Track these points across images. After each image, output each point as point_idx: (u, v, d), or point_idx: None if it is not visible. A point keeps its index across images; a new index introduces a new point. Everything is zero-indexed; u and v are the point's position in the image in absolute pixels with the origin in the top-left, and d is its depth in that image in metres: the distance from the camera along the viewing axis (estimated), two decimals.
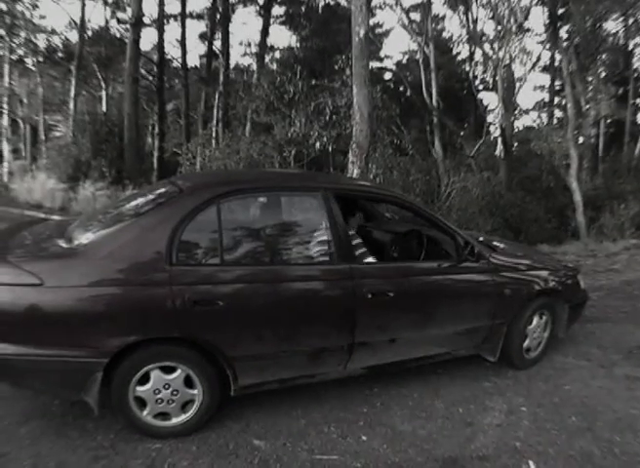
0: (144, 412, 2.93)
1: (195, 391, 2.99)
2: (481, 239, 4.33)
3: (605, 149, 20.37)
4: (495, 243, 4.46)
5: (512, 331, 3.93)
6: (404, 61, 28.47)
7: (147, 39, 34.86)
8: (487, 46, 15.28)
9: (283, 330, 3.15)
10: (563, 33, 14.25)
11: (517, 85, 14.85)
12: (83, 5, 19.04)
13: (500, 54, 13.54)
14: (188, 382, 2.97)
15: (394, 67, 28.60)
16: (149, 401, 2.91)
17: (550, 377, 3.99)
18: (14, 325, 2.72)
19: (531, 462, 2.87)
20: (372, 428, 3.15)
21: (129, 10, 17.66)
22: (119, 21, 21.29)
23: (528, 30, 14.64)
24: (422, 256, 3.79)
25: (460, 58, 27.28)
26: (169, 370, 2.92)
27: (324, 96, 11.52)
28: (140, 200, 3.50)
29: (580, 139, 13.20)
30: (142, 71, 25.75)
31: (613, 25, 15.27)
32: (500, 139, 14.92)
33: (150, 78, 23.27)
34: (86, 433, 2.98)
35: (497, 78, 13.92)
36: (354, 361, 3.38)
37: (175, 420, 3.00)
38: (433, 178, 12.71)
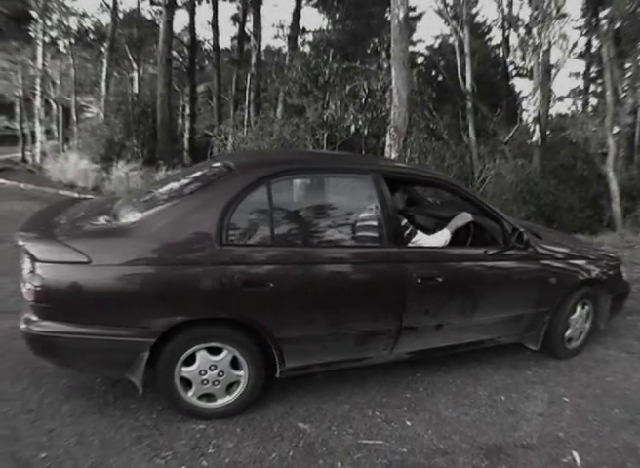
0: (190, 393, 2.96)
1: (241, 373, 3.01)
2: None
3: None
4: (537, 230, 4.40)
5: (555, 320, 3.92)
6: (436, 46, 28.07)
7: (179, 21, 34.92)
8: (522, 30, 14.98)
9: (332, 312, 3.14)
10: (601, 17, 13.92)
11: (553, 71, 14.53)
12: None
13: (538, 39, 13.24)
14: (234, 364, 2.98)
15: (426, 51, 28.24)
16: (195, 381, 2.94)
17: (592, 369, 3.97)
18: (60, 303, 2.73)
19: (575, 453, 2.87)
20: (416, 413, 3.19)
21: None
22: (152, 3, 21.26)
23: (564, 15, 14.20)
24: (469, 242, 3.79)
25: (493, 42, 26.85)
26: (215, 352, 2.93)
27: (359, 79, 11.40)
28: (187, 179, 3.52)
29: (616, 128, 12.87)
30: (174, 53, 25.92)
31: None
32: (533, 127, 14.67)
33: (181, 60, 23.50)
34: (128, 412, 3.03)
35: (533, 64, 13.65)
36: (400, 345, 3.38)
37: (219, 401, 3.03)
38: (467, 164, 12.58)
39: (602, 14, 13.85)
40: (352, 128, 11.25)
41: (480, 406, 3.33)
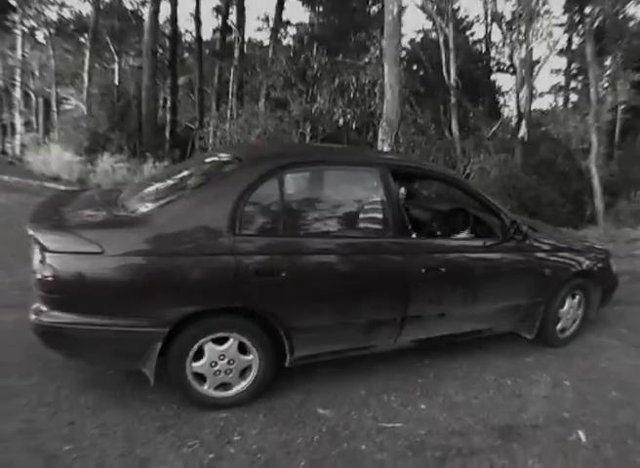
0: (205, 387, 3.00)
1: (251, 357, 3.05)
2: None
3: (620, 135, 20.39)
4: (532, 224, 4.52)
5: (549, 310, 4.06)
6: (418, 40, 28.22)
7: (160, 13, 34.36)
8: (506, 27, 15.23)
9: (341, 302, 3.22)
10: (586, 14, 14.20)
11: (536, 67, 14.79)
12: None
13: (522, 35, 13.48)
14: (242, 349, 3.03)
15: (409, 46, 28.37)
16: (208, 374, 2.98)
17: (587, 355, 4.17)
18: (72, 293, 2.72)
19: (580, 432, 3.04)
20: (429, 397, 3.33)
21: None
22: None
23: (546, 12, 14.48)
24: (469, 234, 3.90)
25: (474, 38, 27.11)
26: (221, 342, 2.97)
27: (348, 73, 11.50)
28: (195, 170, 3.56)
29: (596, 125, 13.17)
30: None
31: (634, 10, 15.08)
32: (518, 122, 14.93)
33: (162, 52, 23.27)
34: (148, 403, 3.04)
35: (516, 60, 13.91)
36: (405, 334, 3.48)
37: (235, 389, 3.08)
38: (452, 159, 12.77)
39: (587, 10, 14.14)
40: (340, 121, 11.31)
41: (488, 389, 3.49)
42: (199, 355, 2.95)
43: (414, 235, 3.55)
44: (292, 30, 24.35)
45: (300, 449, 2.73)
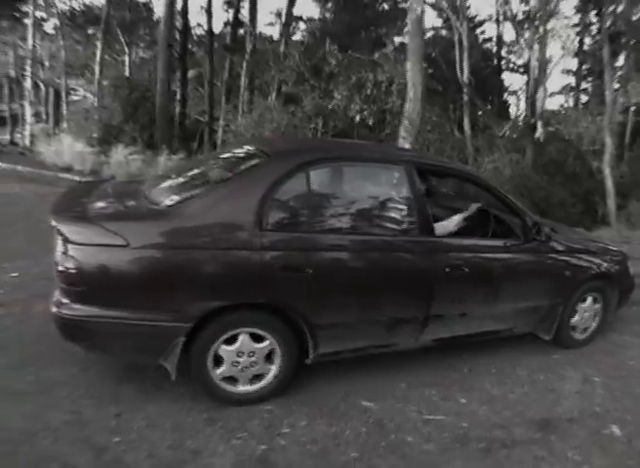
0: (218, 371, 2.95)
1: (272, 367, 3.06)
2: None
3: (631, 137, 20.44)
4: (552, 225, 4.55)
5: (567, 311, 4.12)
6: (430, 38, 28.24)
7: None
8: (519, 26, 15.29)
9: (365, 299, 3.21)
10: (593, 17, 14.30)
11: (549, 68, 14.86)
12: None
13: (537, 35, 13.53)
14: (269, 357, 3.03)
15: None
16: (231, 371, 2.97)
17: (613, 353, 4.29)
18: (95, 286, 2.68)
19: (614, 426, 3.16)
20: (467, 392, 3.45)
21: None
22: None
23: (557, 13, 14.53)
24: (490, 234, 3.91)
25: (484, 36, 27.09)
26: (258, 339, 2.97)
27: (366, 70, 11.57)
28: (219, 163, 3.56)
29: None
30: None
31: None
32: (526, 122, 15.00)
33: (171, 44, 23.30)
34: (193, 395, 3.05)
35: (529, 59, 13.97)
36: (427, 333, 3.50)
37: (257, 385, 3.07)
38: (465, 156, 12.84)
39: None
40: (357, 117, 11.38)
41: (522, 385, 3.61)
42: (232, 341, 2.94)
43: (437, 234, 3.54)
44: (302, 26, 24.31)
45: (349, 441, 2.82)
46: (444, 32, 23.86)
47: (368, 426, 2.97)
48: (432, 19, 25.11)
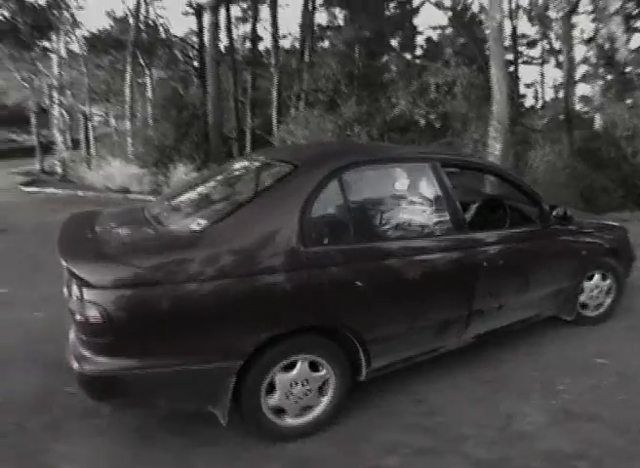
0: (270, 401, 2.79)
1: (324, 399, 2.96)
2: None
3: None
4: None
5: (578, 289, 4.32)
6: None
7: (184, 25, 35.02)
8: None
9: (414, 305, 3.18)
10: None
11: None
12: None
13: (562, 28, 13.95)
14: (314, 368, 2.90)
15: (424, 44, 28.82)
16: (285, 405, 2.84)
17: None
18: (124, 334, 2.37)
19: None
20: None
21: None
22: (190, 6, 21.60)
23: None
24: (508, 223, 3.97)
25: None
26: (292, 367, 2.82)
27: (426, 75, 12.03)
28: (238, 177, 3.49)
29: None
30: (179, 56, 26.53)
31: None
32: (560, 112, 15.39)
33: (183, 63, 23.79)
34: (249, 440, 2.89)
35: (561, 51, 14.38)
36: (469, 330, 3.54)
37: (313, 413, 2.96)
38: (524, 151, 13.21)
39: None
40: (422, 122, 11.78)
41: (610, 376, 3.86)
42: (272, 386, 2.77)
43: (471, 229, 3.56)
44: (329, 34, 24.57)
45: None
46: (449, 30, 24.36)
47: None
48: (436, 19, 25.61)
